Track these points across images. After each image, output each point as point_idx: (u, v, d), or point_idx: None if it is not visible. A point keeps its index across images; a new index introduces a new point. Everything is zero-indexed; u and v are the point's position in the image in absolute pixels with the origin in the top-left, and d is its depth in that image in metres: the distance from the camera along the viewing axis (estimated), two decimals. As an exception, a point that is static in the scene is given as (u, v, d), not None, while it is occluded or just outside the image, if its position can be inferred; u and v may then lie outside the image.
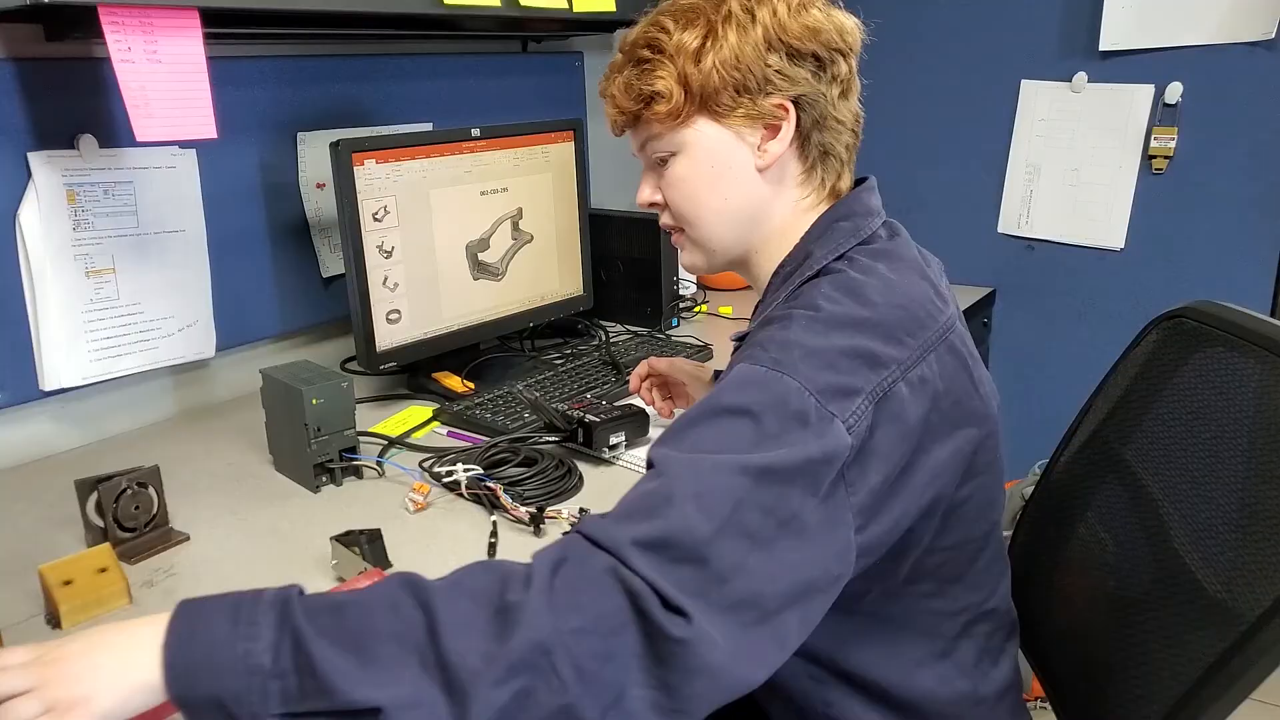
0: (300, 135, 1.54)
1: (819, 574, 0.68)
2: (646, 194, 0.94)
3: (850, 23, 0.89)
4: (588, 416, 1.21)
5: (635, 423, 1.25)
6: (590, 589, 0.62)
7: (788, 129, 0.86)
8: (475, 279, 1.56)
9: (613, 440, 1.22)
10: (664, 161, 0.91)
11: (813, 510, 0.68)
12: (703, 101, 0.86)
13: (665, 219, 0.95)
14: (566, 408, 1.25)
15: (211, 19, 1.19)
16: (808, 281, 0.84)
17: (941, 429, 0.77)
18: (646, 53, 0.88)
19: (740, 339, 0.87)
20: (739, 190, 0.89)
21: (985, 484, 0.83)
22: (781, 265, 0.89)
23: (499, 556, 1.00)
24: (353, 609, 0.62)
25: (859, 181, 0.94)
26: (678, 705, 0.62)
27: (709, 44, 0.85)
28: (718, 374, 1.26)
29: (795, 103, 0.86)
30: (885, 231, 0.89)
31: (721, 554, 0.64)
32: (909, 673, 0.86)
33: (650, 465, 0.71)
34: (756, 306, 0.96)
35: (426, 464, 1.20)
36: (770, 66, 0.84)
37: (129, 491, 1.02)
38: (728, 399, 0.72)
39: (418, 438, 1.34)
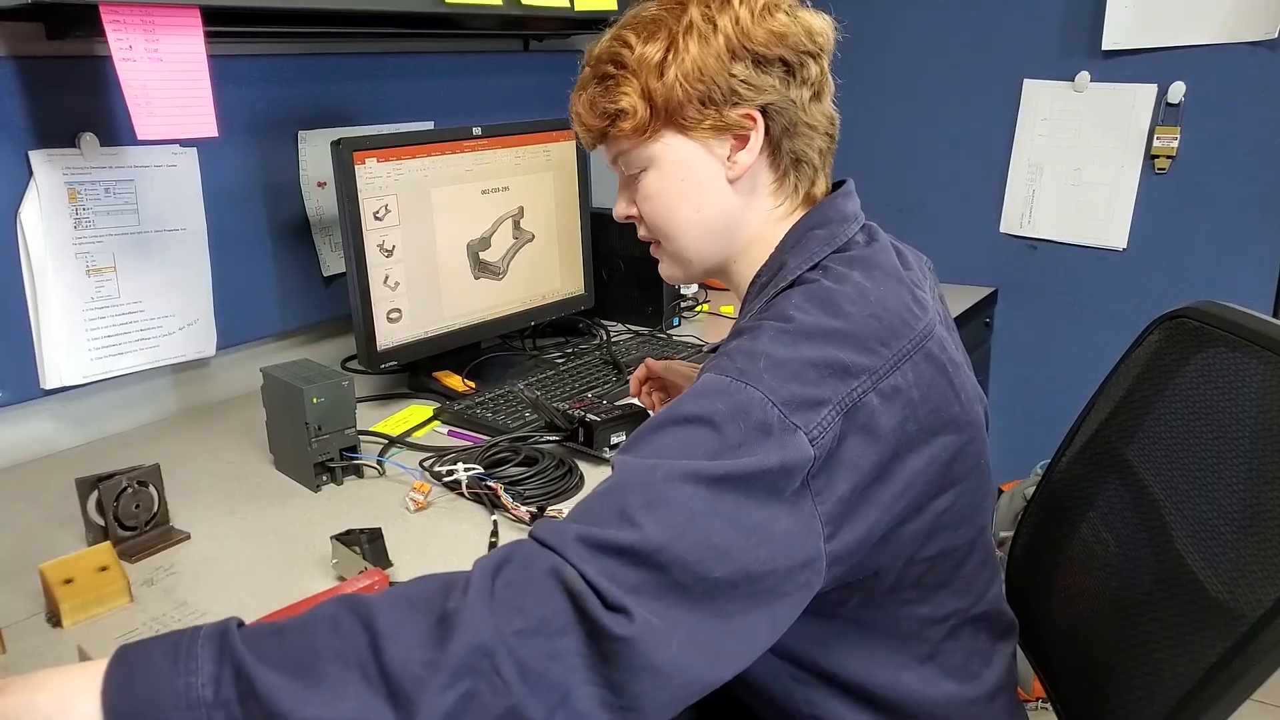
0: (301, 134, 1.54)
1: (782, 580, 0.68)
2: (622, 208, 0.94)
3: (819, 23, 0.86)
4: (588, 416, 1.21)
5: (636, 422, 1.25)
6: (532, 590, 0.62)
7: (756, 138, 0.85)
8: (476, 278, 1.56)
9: (614, 440, 1.22)
10: (636, 176, 0.90)
11: (776, 519, 0.67)
12: (668, 116, 0.85)
13: (643, 231, 0.94)
14: (567, 407, 1.25)
15: (213, 17, 1.19)
16: (782, 292, 0.83)
17: (919, 437, 0.76)
18: (610, 68, 0.87)
19: (716, 350, 0.87)
20: (711, 202, 0.88)
21: (967, 491, 0.82)
22: (758, 275, 0.88)
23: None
24: (292, 632, 0.61)
25: (838, 185, 0.92)
26: (626, 703, 0.62)
27: (671, 56, 0.84)
28: None
29: (763, 111, 0.84)
30: (863, 237, 0.88)
31: (677, 561, 0.63)
32: (893, 675, 0.85)
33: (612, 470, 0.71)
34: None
35: (427, 463, 1.20)
36: (735, 76, 0.83)
37: (129, 490, 1.02)
38: (690, 407, 0.71)
39: (418, 437, 1.34)
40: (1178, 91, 1.85)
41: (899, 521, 0.76)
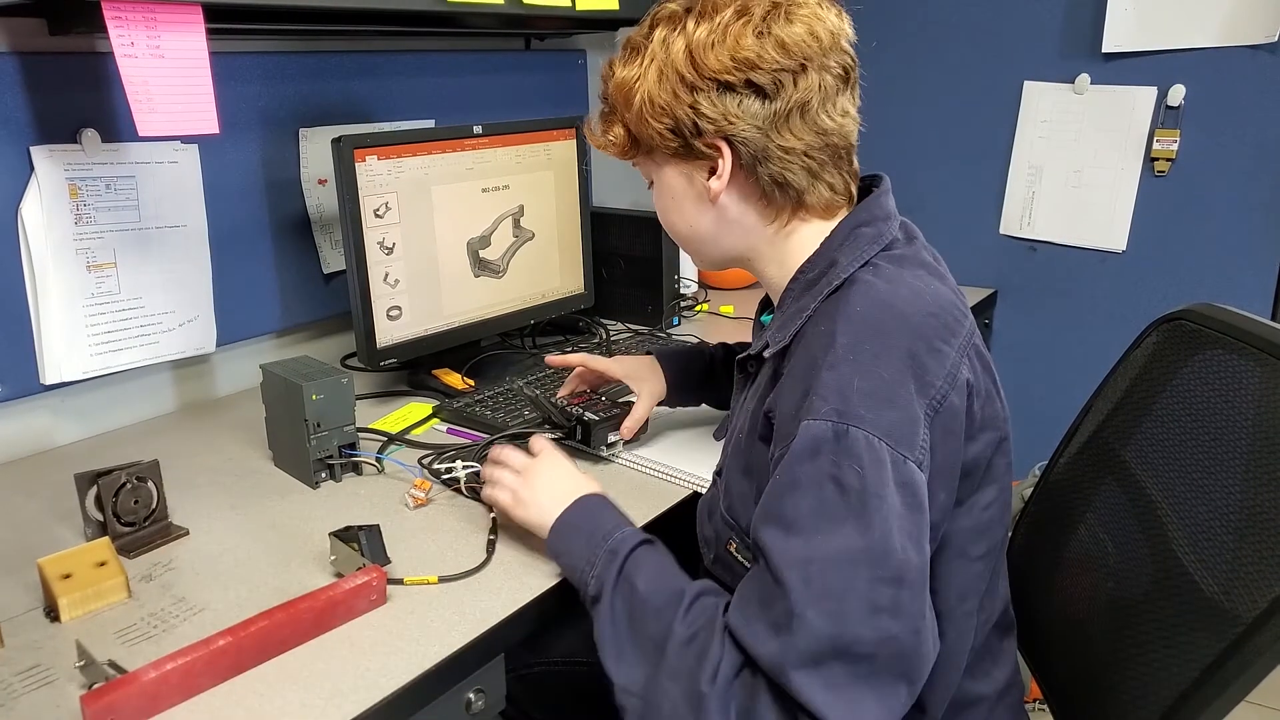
0: (302, 131, 1.54)
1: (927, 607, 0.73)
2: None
3: (800, 34, 0.80)
4: (586, 414, 1.21)
5: (635, 421, 1.25)
6: None
7: (725, 167, 0.84)
8: (476, 276, 1.56)
9: (611, 438, 1.22)
10: (651, 185, 0.94)
11: (918, 554, 0.71)
12: (644, 143, 0.88)
13: None
14: (566, 405, 1.25)
15: (214, 14, 1.19)
16: (836, 290, 0.82)
17: (970, 430, 0.78)
18: (605, 94, 0.91)
19: (748, 360, 0.88)
20: (699, 219, 0.90)
21: (1005, 487, 0.85)
22: (802, 270, 0.86)
23: (497, 553, 1.00)
24: (640, 603, 0.81)
25: (872, 182, 0.91)
26: None
27: (637, 85, 0.85)
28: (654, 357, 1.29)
29: (729, 141, 0.83)
30: (903, 235, 0.88)
31: (860, 640, 0.68)
32: (938, 686, 0.85)
33: (759, 549, 0.73)
34: (770, 303, 0.96)
35: (426, 460, 1.20)
36: (697, 107, 0.82)
37: (128, 486, 1.02)
38: (808, 468, 0.72)
39: (417, 434, 1.34)
40: (1178, 94, 1.86)
41: (948, 517, 0.79)
